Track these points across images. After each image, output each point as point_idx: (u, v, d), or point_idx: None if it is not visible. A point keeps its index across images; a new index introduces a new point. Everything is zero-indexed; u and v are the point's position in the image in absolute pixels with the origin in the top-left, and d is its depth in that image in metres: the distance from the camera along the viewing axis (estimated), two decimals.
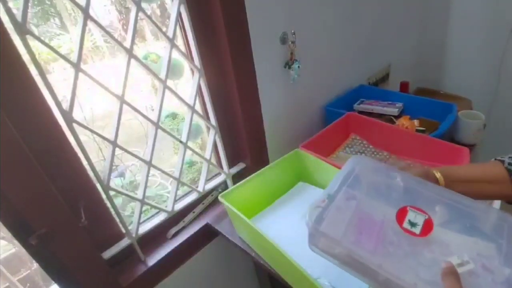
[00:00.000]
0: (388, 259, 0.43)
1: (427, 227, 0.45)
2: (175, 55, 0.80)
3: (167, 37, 0.76)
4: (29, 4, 0.55)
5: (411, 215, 0.47)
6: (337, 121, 1.10)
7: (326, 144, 1.07)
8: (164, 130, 0.81)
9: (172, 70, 0.81)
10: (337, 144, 1.12)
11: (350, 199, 0.51)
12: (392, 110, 1.21)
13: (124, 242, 0.83)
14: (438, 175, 0.56)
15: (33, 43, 0.56)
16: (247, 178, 0.88)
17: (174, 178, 0.88)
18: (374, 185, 0.55)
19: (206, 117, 0.92)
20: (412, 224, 0.46)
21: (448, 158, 0.89)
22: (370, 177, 0.56)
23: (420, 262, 0.43)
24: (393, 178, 0.53)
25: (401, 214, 0.47)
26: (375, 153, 1.08)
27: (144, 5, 0.70)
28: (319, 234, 0.46)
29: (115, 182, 0.98)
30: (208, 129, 0.94)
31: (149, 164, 0.80)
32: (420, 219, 0.46)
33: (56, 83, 0.64)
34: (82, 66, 0.63)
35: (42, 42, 0.58)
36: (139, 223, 0.84)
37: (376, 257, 0.43)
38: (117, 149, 0.73)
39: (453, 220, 0.46)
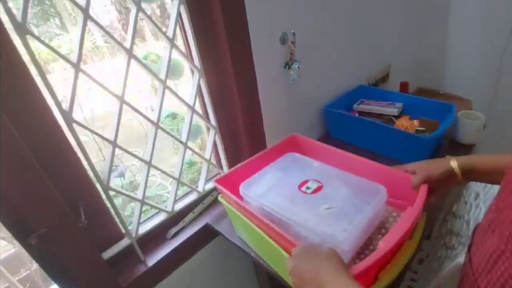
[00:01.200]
0: (288, 206, 0.71)
1: (318, 189, 0.75)
2: (175, 55, 0.80)
3: (167, 37, 0.76)
4: (29, 4, 0.55)
5: (310, 184, 0.77)
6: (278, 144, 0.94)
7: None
8: (164, 130, 0.81)
9: (172, 70, 0.81)
10: None
11: (279, 172, 0.83)
12: (392, 110, 1.21)
13: (124, 242, 0.83)
14: (456, 170, 0.64)
15: (33, 43, 0.56)
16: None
17: (174, 178, 0.88)
18: (297, 167, 0.85)
19: (206, 117, 0.92)
20: (308, 188, 0.76)
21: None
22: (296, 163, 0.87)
23: (308, 207, 0.71)
24: (312, 164, 0.85)
25: (303, 183, 0.78)
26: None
27: (144, 5, 0.70)
28: (244, 194, 0.77)
29: (115, 182, 0.98)
30: (208, 129, 0.94)
31: (149, 164, 0.80)
32: (314, 185, 0.76)
33: (56, 83, 0.64)
34: (82, 66, 0.63)
35: (42, 42, 0.58)
36: (139, 223, 0.84)
37: (284, 207, 0.71)
38: (117, 149, 0.73)
39: (339, 189, 0.75)
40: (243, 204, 0.72)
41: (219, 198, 0.81)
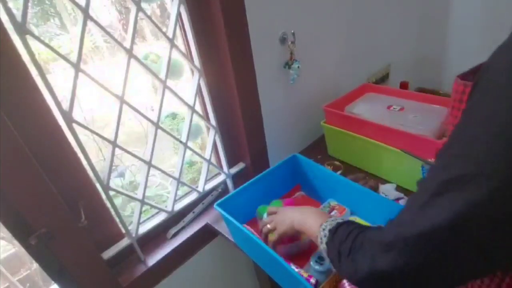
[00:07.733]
0: None
1: None
2: (175, 55, 0.80)
3: (167, 37, 0.76)
4: (29, 4, 0.55)
5: None
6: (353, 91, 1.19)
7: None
8: (164, 130, 0.81)
9: (172, 70, 0.81)
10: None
11: None
12: None
13: (124, 242, 0.83)
14: None
15: (33, 43, 0.56)
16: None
17: (174, 178, 0.88)
18: None
19: (206, 117, 0.92)
20: None
21: None
22: None
23: None
24: None
25: None
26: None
27: (144, 5, 0.70)
28: None
29: (115, 182, 0.98)
30: (208, 129, 0.94)
31: (149, 164, 0.80)
32: None
33: (56, 83, 0.64)
34: (82, 66, 0.63)
35: (42, 42, 0.58)
36: (139, 223, 0.84)
37: None
38: (117, 149, 0.73)
39: None
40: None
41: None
